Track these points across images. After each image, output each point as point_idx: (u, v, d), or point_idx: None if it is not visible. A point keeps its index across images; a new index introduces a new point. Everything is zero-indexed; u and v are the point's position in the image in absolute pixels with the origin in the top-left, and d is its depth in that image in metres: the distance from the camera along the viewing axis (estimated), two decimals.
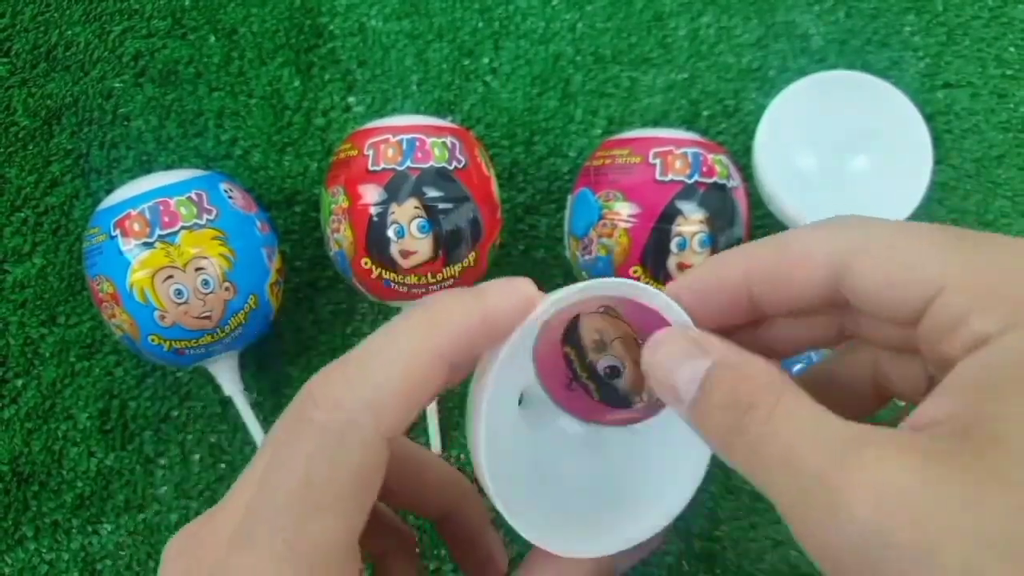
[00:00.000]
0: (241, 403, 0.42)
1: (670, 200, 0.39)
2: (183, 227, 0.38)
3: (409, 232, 0.39)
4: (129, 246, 0.38)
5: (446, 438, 0.45)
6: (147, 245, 0.37)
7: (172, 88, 0.48)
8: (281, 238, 0.46)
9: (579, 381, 0.24)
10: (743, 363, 0.20)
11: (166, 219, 0.38)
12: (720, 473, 0.45)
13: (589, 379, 0.24)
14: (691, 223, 0.39)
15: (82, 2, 0.49)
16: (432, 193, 0.39)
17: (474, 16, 0.50)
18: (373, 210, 0.39)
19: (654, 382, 0.22)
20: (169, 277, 0.37)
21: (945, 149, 0.50)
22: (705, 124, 0.50)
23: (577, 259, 0.43)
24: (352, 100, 0.49)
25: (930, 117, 0.50)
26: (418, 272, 0.40)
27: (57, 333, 0.45)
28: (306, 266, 0.47)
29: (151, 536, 0.44)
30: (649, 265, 0.40)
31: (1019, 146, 0.50)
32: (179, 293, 0.38)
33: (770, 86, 0.50)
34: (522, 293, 0.22)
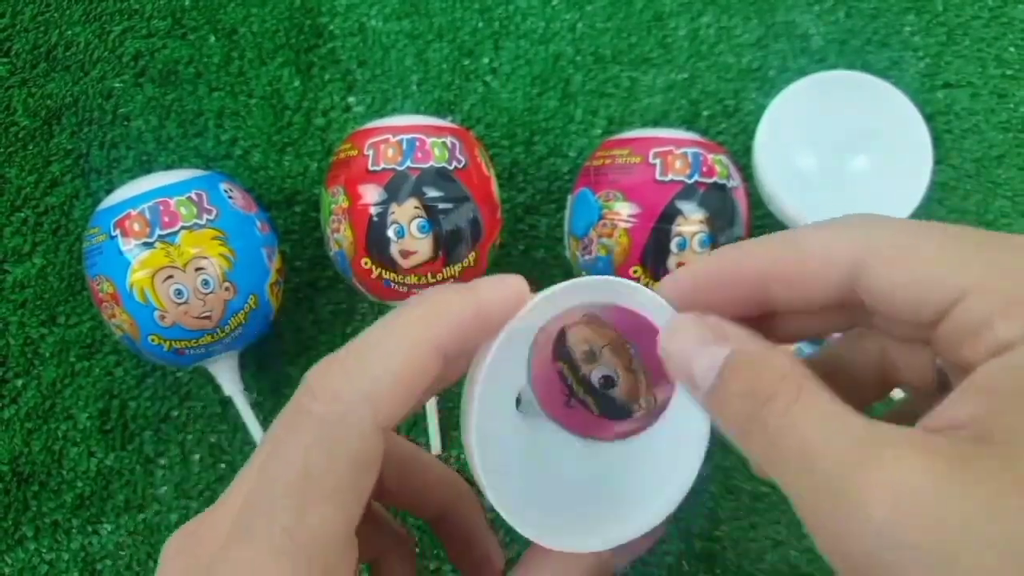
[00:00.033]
0: (241, 403, 0.42)
1: (670, 200, 0.39)
2: (183, 227, 0.38)
3: (409, 232, 0.39)
4: (129, 246, 0.38)
5: (446, 438, 0.45)
6: (147, 245, 0.37)
7: (172, 88, 0.48)
8: (281, 238, 0.46)
9: (576, 397, 0.24)
10: (762, 352, 0.20)
11: (166, 219, 0.38)
12: (720, 473, 0.45)
13: (586, 393, 0.24)
14: (691, 223, 0.39)
15: (82, 2, 0.49)
16: (432, 193, 0.39)
17: (474, 16, 0.50)
18: (373, 210, 0.39)
19: (671, 368, 0.21)
20: (169, 277, 0.38)
21: (945, 149, 0.50)
22: (705, 124, 0.50)
23: (577, 259, 0.43)
24: (352, 100, 0.49)
25: (930, 117, 0.50)
26: (418, 272, 0.40)
27: (57, 333, 0.45)
28: (306, 266, 0.47)
29: (151, 536, 0.44)
30: (649, 265, 0.40)
31: (1019, 146, 0.50)
32: (179, 293, 0.38)
33: (770, 86, 0.50)
34: (513, 288, 0.22)
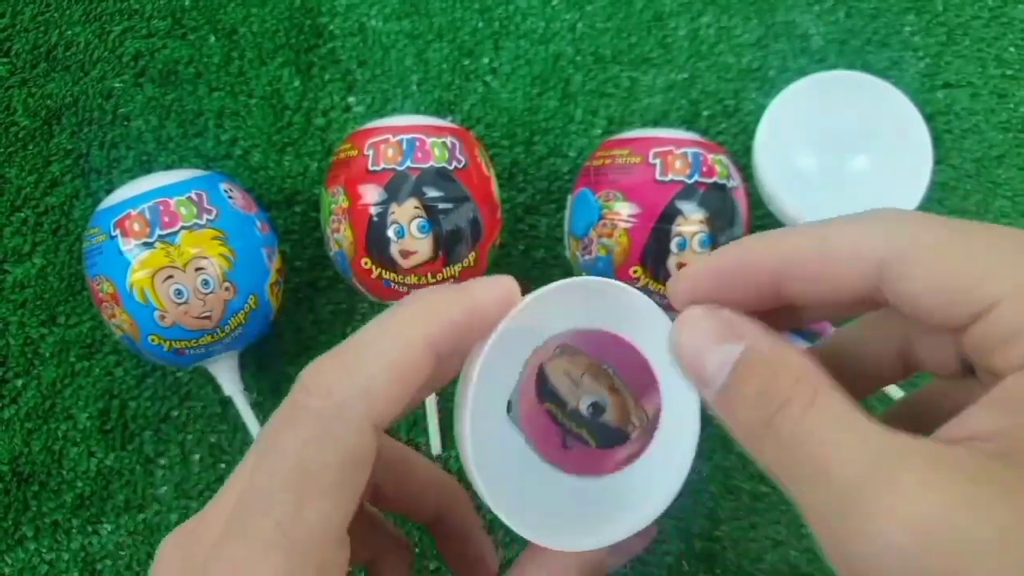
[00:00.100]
0: (241, 403, 0.42)
1: (670, 200, 0.39)
2: (183, 227, 0.38)
3: (409, 232, 0.39)
4: (129, 246, 0.38)
5: (446, 438, 0.45)
6: (147, 245, 0.37)
7: (172, 88, 0.48)
8: (281, 238, 0.46)
9: (572, 434, 0.24)
10: (777, 352, 0.19)
11: (166, 219, 0.38)
12: (720, 473, 0.44)
13: (579, 427, 0.24)
14: (691, 223, 0.39)
15: (82, 2, 0.49)
16: (432, 193, 0.39)
17: (474, 16, 0.50)
18: (373, 210, 0.39)
19: (681, 363, 0.21)
20: (169, 277, 0.38)
21: (945, 149, 0.50)
22: (705, 124, 0.50)
23: (577, 259, 0.43)
24: (352, 100, 0.49)
25: (930, 117, 0.50)
26: (418, 272, 0.40)
27: (57, 333, 0.45)
28: (306, 266, 0.47)
29: (151, 536, 0.43)
30: (649, 265, 0.40)
31: (1019, 146, 0.50)
32: (179, 293, 0.38)
33: (770, 86, 0.50)
34: (505, 288, 0.22)
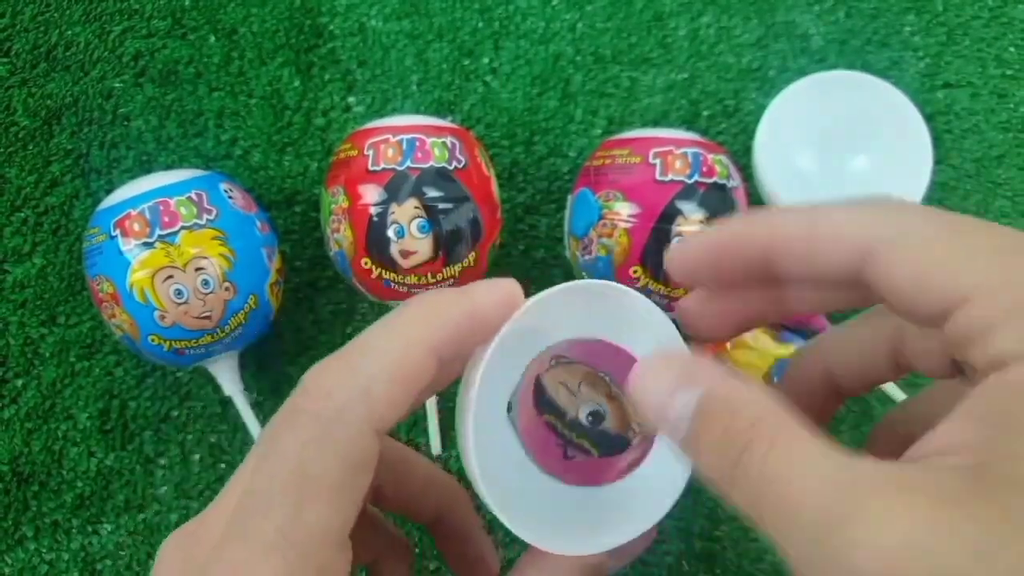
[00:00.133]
0: (241, 403, 0.42)
1: (670, 200, 0.39)
2: (183, 227, 0.38)
3: (409, 232, 0.39)
4: (129, 246, 0.38)
5: (446, 438, 0.45)
6: (147, 245, 0.37)
7: (172, 88, 0.48)
8: (281, 238, 0.46)
9: (573, 445, 0.24)
10: (736, 393, 0.19)
11: (166, 219, 0.38)
12: None
13: (580, 437, 0.24)
14: (691, 223, 0.39)
15: (82, 2, 0.49)
16: (432, 193, 0.39)
17: (474, 16, 0.50)
18: (373, 210, 0.39)
19: (644, 413, 0.21)
20: (169, 277, 0.38)
21: (945, 149, 0.50)
22: (705, 124, 0.50)
23: (577, 259, 0.43)
24: (352, 100, 0.49)
25: (930, 117, 0.50)
26: (418, 272, 0.40)
27: (57, 333, 0.45)
28: (306, 266, 0.47)
29: (151, 536, 0.43)
30: (649, 265, 0.40)
31: (1019, 146, 0.50)
32: (179, 293, 0.38)
33: (770, 86, 0.50)
34: (507, 291, 0.22)
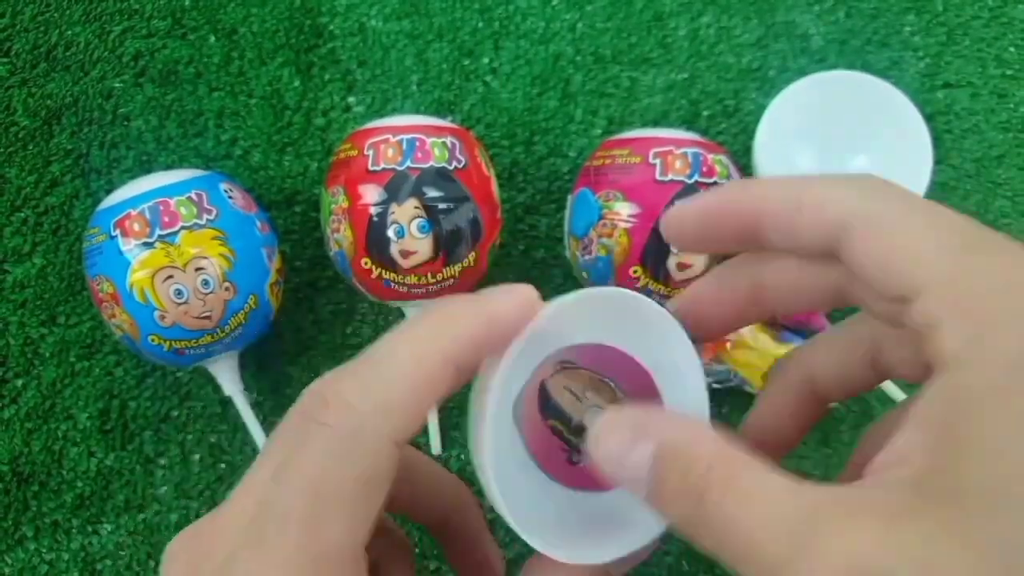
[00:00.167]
0: (241, 403, 0.42)
1: (670, 200, 0.39)
2: (183, 227, 0.38)
3: (409, 232, 0.39)
4: (129, 246, 0.38)
5: (446, 438, 0.45)
6: (147, 245, 0.37)
7: (172, 88, 0.48)
8: (281, 238, 0.46)
9: (577, 449, 0.24)
10: (687, 441, 0.19)
11: (166, 219, 0.38)
12: None
13: (584, 442, 0.24)
14: None
15: (82, 2, 0.49)
16: (432, 193, 0.39)
17: (474, 16, 0.50)
18: (373, 210, 0.39)
19: (608, 476, 0.21)
20: (169, 277, 0.38)
21: (945, 149, 0.50)
22: (705, 124, 0.50)
23: (577, 259, 0.43)
24: (352, 100, 0.49)
25: (930, 117, 0.50)
26: (418, 272, 0.40)
27: (57, 333, 0.45)
28: (306, 266, 0.47)
29: (151, 536, 0.44)
30: (649, 265, 0.40)
31: (1019, 146, 0.50)
32: (179, 293, 0.38)
33: (770, 86, 0.50)
34: (525, 297, 0.22)
